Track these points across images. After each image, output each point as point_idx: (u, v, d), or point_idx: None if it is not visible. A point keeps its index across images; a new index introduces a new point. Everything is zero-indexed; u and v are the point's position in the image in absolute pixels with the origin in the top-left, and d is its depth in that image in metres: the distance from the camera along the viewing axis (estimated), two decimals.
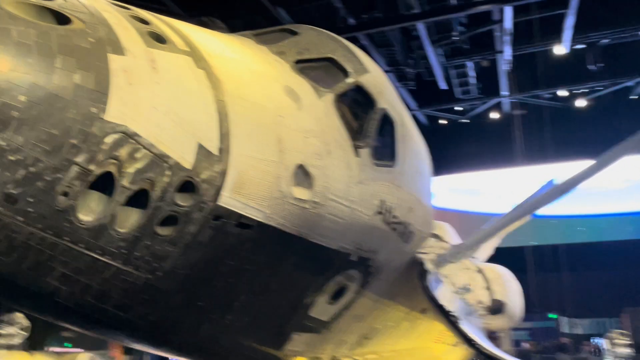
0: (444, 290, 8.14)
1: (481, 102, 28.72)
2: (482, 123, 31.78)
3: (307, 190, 4.59)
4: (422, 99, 28.13)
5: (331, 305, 5.82)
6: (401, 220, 5.87)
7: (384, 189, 5.61)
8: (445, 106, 28.72)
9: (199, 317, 4.41)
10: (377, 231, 5.52)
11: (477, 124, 31.81)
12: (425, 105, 28.65)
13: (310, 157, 4.63)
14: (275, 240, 4.48)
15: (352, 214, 5.11)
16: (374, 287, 6.39)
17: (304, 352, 6.02)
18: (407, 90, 25.08)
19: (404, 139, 6.14)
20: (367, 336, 7.62)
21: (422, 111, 29.24)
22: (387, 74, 19.79)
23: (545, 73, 25.43)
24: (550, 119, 29.54)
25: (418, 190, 6.36)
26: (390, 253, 6.04)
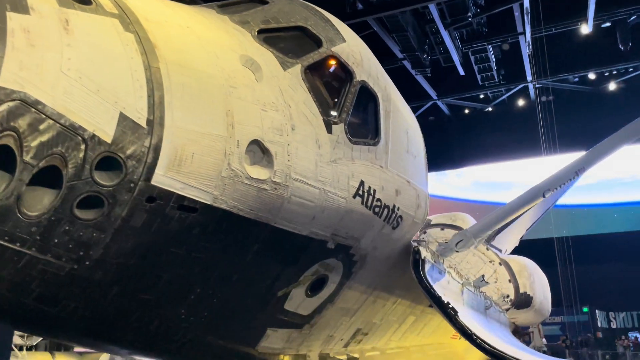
0: (448, 281, 7.55)
1: (505, 89, 27.71)
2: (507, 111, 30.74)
3: (265, 170, 4.11)
4: (442, 88, 27.33)
5: (311, 298, 5.34)
6: (386, 204, 5.34)
7: (363, 169, 5.08)
8: (467, 94, 27.80)
9: (145, 311, 3.99)
10: (357, 215, 5.00)
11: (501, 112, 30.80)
12: (446, 94, 27.82)
13: (269, 133, 4.15)
14: (230, 225, 4.02)
15: (324, 197, 4.61)
16: (362, 278, 5.87)
17: (285, 349, 5.56)
18: (424, 79, 24.36)
19: (388, 116, 5.59)
20: (363, 331, 7.11)
21: (443, 100, 28.42)
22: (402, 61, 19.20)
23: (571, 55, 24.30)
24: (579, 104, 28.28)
25: (407, 171, 5.80)
26: (376, 240, 5.51)
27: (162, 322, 4.15)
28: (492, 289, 17.81)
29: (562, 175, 7.36)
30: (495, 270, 18.03)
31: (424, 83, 24.88)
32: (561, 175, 7.38)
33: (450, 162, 33.69)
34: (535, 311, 18.30)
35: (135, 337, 4.14)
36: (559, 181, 7.34)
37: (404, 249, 6.21)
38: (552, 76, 25.89)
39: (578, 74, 25.56)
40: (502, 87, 26.79)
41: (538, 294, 18.22)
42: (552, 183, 7.34)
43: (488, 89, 26.81)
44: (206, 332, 4.54)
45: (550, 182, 7.37)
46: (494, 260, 17.98)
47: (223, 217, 3.92)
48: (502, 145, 31.33)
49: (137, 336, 4.14)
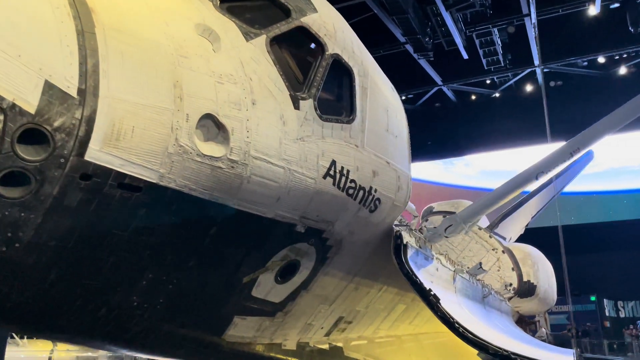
0: (436, 268, 7.24)
1: (512, 74, 27.11)
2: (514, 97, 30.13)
3: (220, 146, 3.82)
4: (447, 73, 26.81)
5: (281, 284, 5.07)
6: (361, 186, 5.03)
7: (335, 148, 4.78)
8: (472, 80, 27.25)
9: (90, 298, 3.74)
10: (328, 197, 4.71)
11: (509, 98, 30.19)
12: (451, 79, 27.29)
13: (225, 107, 3.86)
14: (181, 206, 3.75)
15: (290, 177, 4.31)
16: (340, 264, 5.59)
17: (256, 338, 5.31)
18: (428, 64, 23.88)
19: (365, 92, 5.27)
20: (347, 320, 6.84)
21: (448, 86, 27.89)
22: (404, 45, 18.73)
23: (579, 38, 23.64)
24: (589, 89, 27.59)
25: (386, 151, 5.48)
26: (352, 224, 5.21)
27: (111, 310, 3.90)
28: (494, 277, 17.48)
29: (556, 157, 7.00)
30: (498, 258, 17.68)
31: (427, 68, 24.40)
32: (555, 157, 7.01)
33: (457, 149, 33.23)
34: (539, 300, 17.96)
35: (82, 325, 3.90)
36: (553, 163, 6.97)
37: (385, 233, 5.91)
38: (560, 60, 25.30)
39: (587, 57, 24.89)
40: (508, 72, 26.20)
41: (542, 283, 17.86)
42: (545, 165, 6.98)
43: (494, 74, 26.24)
44: (164, 320, 4.29)
45: (543, 164, 7.01)
46: (497, 248, 17.62)
47: (173, 197, 3.65)
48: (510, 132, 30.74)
49: (83, 324, 3.89)
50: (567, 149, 6.96)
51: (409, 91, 29.07)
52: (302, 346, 6.10)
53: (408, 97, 30.22)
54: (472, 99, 31.14)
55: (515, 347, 6.44)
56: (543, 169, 6.95)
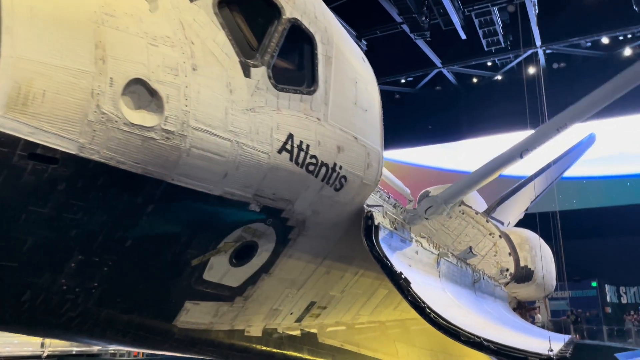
0: (416, 251, 6.89)
1: (513, 56, 26.48)
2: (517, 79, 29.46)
3: (153, 115, 3.47)
4: (447, 55, 26.24)
5: (238, 267, 4.75)
6: (324, 162, 4.67)
7: (293, 121, 4.42)
8: (473, 61, 26.63)
9: (9, 281, 3.43)
10: (285, 174, 4.36)
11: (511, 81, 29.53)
12: (451, 61, 26.71)
13: (159, 72, 3.50)
14: (109, 180, 3.41)
15: (238, 150, 3.96)
16: (305, 246, 5.25)
17: (214, 324, 5.00)
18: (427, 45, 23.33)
19: (330, 62, 4.89)
20: (320, 305, 6.53)
21: (449, 68, 27.32)
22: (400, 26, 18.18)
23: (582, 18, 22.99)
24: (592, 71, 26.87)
25: (354, 126, 5.11)
26: (316, 203, 4.86)
27: (36, 294, 3.59)
28: (491, 262, 17.15)
29: (542, 134, 6.61)
30: (495, 243, 17.33)
31: (426, 49, 23.84)
32: (540, 134, 6.62)
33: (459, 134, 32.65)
34: (537, 285, 17.60)
35: (4, 309, 3.59)
36: (538, 140, 6.59)
37: (356, 214, 5.56)
38: (562, 41, 24.64)
39: (590, 38, 24.20)
40: (510, 54, 25.56)
41: (540, 268, 17.48)
42: (530, 143, 6.59)
43: (495, 56, 25.62)
44: (102, 305, 3.98)
45: (528, 141, 6.62)
46: (493, 233, 17.25)
47: (98, 170, 3.31)
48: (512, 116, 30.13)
49: (6, 309, 3.59)
50: (554, 125, 6.57)
51: (408, 74, 28.55)
52: (269, 332, 5.81)
53: (408, 80, 29.70)
54: (473, 82, 30.50)
55: (495, 334, 6.12)
56: (528, 147, 6.57)
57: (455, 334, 5.01)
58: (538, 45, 23.98)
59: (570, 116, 6.48)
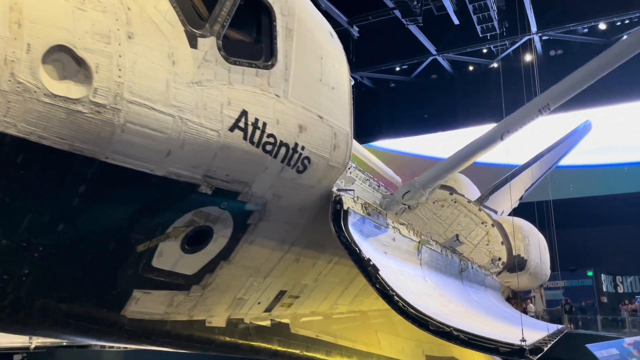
0: (393, 238, 6.60)
1: (509, 43, 26.06)
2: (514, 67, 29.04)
3: (80, 86, 3.17)
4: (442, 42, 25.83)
5: (192, 254, 4.46)
6: (283, 142, 4.37)
7: (247, 97, 4.11)
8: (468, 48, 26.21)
9: None
10: (238, 154, 4.06)
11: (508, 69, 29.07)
12: (446, 49, 26.30)
13: (87, 39, 3.20)
14: (29, 158, 3.12)
15: (182, 127, 3.66)
16: (268, 231, 4.96)
17: (169, 314, 4.73)
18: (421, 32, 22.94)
19: (291, 35, 4.57)
20: (292, 294, 6.26)
21: (444, 56, 26.92)
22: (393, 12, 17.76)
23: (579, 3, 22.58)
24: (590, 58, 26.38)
25: (319, 104, 4.80)
26: (277, 186, 4.57)
27: None
28: (483, 251, 16.91)
29: (523, 115, 6.31)
30: (487, 232, 17.09)
31: (420, 36, 23.44)
32: (521, 115, 6.33)
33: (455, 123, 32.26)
34: (530, 274, 17.36)
35: None
36: (519, 121, 6.29)
37: (324, 198, 5.26)
38: (558, 27, 24.22)
39: (587, 24, 23.76)
40: (505, 40, 25.14)
41: (533, 257, 17.23)
42: (511, 124, 6.30)
43: (491, 43, 25.18)
44: (35, 293, 3.70)
45: (508, 123, 6.33)
46: (486, 222, 17.00)
47: (15, 146, 3.01)
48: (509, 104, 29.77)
49: None
50: (536, 106, 6.28)
51: (403, 62, 28.12)
52: (234, 323, 5.53)
53: (403, 68, 29.29)
54: (469, 70, 30.08)
55: (473, 324, 5.85)
56: (509, 128, 6.28)
57: (424, 323, 4.74)
58: (534, 31, 23.57)
59: (552, 96, 6.18)
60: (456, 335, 4.67)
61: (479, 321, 6.59)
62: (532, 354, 4.64)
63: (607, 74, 22.76)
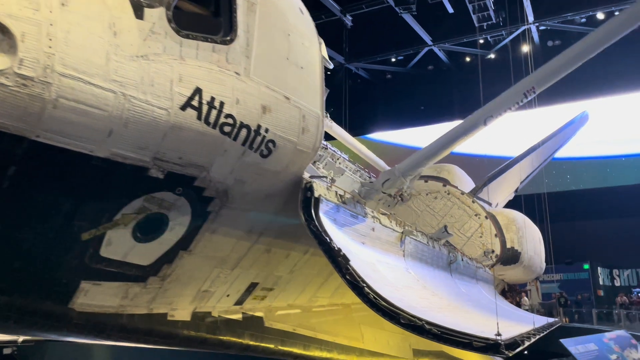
0: (372, 228, 6.31)
1: (506, 33, 25.66)
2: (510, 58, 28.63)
3: (2, 57, 2.87)
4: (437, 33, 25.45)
5: (146, 243, 4.17)
6: (244, 123, 4.08)
7: (201, 74, 3.81)
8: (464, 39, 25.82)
9: None
10: (191, 135, 3.76)
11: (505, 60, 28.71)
12: (442, 39, 25.92)
13: (10, 5, 2.91)
14: None
15: (125, 104, 3.37)
16: (231, 220, 4.67)
17: (125, 307, 4.44)
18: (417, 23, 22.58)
19: (253, 9, 4.26)
20: (265, 286, 5.98)
21: (440, 46, 26.54)
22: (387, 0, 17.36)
23: None
24: None
25: (286, 84, 4.50)
26: (239, 171, 4.27)
27: None
28: (477, 243, 16.64)
29: (507, 99, 6.02)
30: (480, 224, 16.78)
31: (415, 26, 23.07)
32: (505, 99, 6.03)
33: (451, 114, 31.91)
34: (524, 267, 17.08)
35: None
36: (503, 105, 6.00)
37: (293, 185, 4.97)
38: (556, 16, 23.84)
39: (584, 13, 23.36)
40: (502, 30, 24.74)
41: (527, 250, 16.95)
42: (494, 108, 6.00)
43: (487, 33, 24.81)
44: None
45: (492, 107, 6.03)
46: (479, 214, 16.69)
47: None
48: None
49: None
50: (521, 89, 5.97)
51: (398, 52, 27.73)
52: (200, 317, 5.26)
53: (398, 59, 28.91)
54: (466, 61, 29.67)
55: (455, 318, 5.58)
56: (492, 113, 5.98)
57: (394, 316, 4.46)
58: (531, 21, 23.18)
59: (537, 79, 5.88)
60: (428, 329, 4.40)
61: (462, 315, 6.33)
62: (508, 349, 4.37)
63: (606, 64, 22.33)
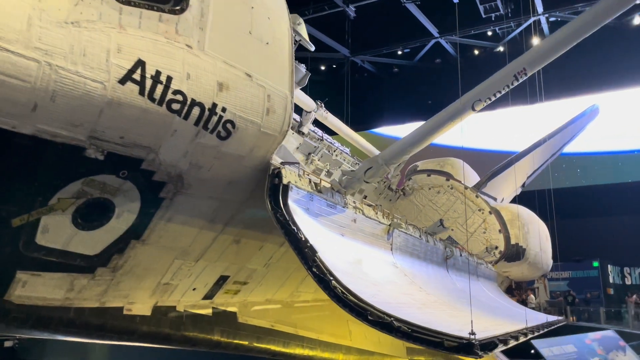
0: (354, 219, 5.93)
1: (515, 24, 25.02)
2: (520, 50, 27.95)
3: None
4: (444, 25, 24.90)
5: (90, 231, 3.85)
6: (196, 100, 3.73)
7: (145, 45, 3.47)
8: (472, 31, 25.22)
9: None
10: (133, 111, 3.42)
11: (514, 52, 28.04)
12: (449, 31, 25.35)
13: None
14: None
15: (51, 75, 3.04)
16: (190, 207, 4.33)
17: (72, 300, 4.13)
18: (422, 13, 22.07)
19: None
20: (237, 280, 5.64)
21: (447, 39, 25.98)
22: None
23: None
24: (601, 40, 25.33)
25: (246, 60, 4.15)
26: (194, 154, 3.93)
27: None
28: (480, 239, 16.19)
29: (497, 82, 5.61)
30: (484, 219, 16.33)
31: (421, 17, 22.56)
32: (495, 82, 5.63)
33: None
34: (529, 264, 16.57)
35: None
36: (493, 88, 5.59)
37: (260, 171, 4.61)
38: (566, 7, 23.16)
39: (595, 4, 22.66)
40: (511, 22, 24.11)
41: (533, 246, 16.44)
42: (483, 91, 5.60)
43: (495, 24, 24.19)
44: None
45: (481, 90, 5.62)
46: (483, 209, 16.23)
47: None
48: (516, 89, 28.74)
49: None
50: (511, 71, 5.56)
51: (405, 44, 27.20)
52: (163, 311, 4.93)
53: (405, 52, 28.37)
54: (474, 54, 29.05)
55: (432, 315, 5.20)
56: (481, 97, 5.57)
57: (362, 312, 4.09)
58: (540, 12, 22.55)
59: (529, 60, 5.46)
60: (397, 327, 4.03)
61: (448, 312, 5.94)
62: (483, 349, 3.99)
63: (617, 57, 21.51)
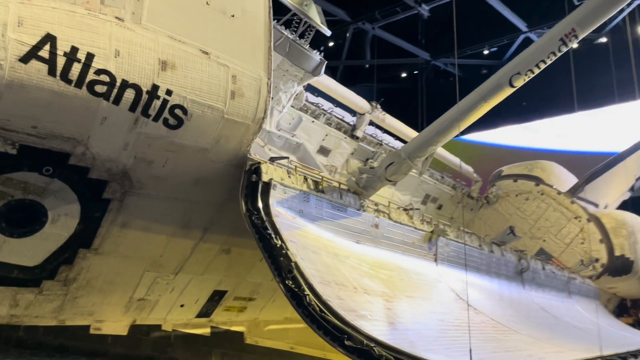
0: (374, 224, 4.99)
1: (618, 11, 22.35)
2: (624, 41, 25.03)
3: None
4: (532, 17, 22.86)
5: (20, 239, 3.37)
6: (129, 82, 3.14)
7: (56, 17, 2.96)
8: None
9: None
10: (42, 95, 2.91)
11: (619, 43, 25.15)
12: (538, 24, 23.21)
13: None
14: None
15: None
16: (148, 210, 3.73)
17: (20, 317, 3.67)
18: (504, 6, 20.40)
19: None
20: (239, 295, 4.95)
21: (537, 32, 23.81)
22: None
23: None
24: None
25: (202, 35, 3.51)
26: (139, 147, 3.34)
27: None
28: (577, 251, 14.27)
29: (540, 49, 4.51)
30: (581, 228, 14.35)
31: (504, 11, 20.81)
32: (538, 49, 4.52)
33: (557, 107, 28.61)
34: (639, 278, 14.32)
35: None
36: (535, 58, 4.47)
37: (235, 167, 3.92)
38: None
39: None
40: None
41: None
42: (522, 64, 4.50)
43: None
44: None
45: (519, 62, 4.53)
46: (580, 217, 14.30)
47: None
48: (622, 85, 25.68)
49: None
50: (557, 34, 4.43)
51: (491, 43, 25.32)
52: (144, 331, 4.37)
53: (492, 51, 26.46)
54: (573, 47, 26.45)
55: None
56: (520, 69, 4.47)
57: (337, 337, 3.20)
58: None
59: (579, 17, 4.31)
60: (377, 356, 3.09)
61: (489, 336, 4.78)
62: None
63: None
